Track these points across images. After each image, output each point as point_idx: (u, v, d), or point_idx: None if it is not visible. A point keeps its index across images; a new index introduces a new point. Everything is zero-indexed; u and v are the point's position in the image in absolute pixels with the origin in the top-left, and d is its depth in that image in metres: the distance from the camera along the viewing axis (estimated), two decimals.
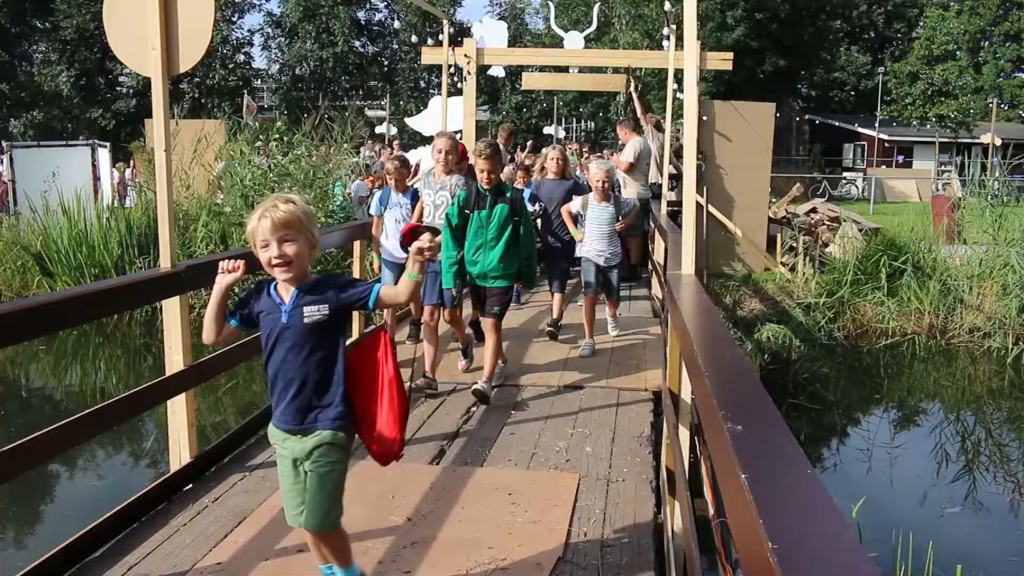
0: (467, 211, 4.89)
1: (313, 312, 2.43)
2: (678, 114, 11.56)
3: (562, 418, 4.81)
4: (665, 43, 10.46)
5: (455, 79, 10.37)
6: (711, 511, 3.76)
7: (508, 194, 4.92)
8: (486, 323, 5.11)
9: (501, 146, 9.22)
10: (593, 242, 6.26)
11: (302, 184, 11.46)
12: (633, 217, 6.81)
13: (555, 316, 6.72)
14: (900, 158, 38.40)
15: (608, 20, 31.64)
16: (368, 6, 44.12)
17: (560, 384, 5.48)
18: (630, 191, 9.29)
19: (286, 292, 2.47)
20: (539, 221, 7.12)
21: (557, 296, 6.77)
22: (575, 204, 6.42)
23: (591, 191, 6.37)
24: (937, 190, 24.31)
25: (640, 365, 5.95)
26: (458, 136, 11.88)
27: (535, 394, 5.32)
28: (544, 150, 7.18)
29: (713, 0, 27.62)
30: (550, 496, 3.67)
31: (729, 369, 2.14)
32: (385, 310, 6.02)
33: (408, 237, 2.77)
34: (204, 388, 4.26)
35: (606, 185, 6.19)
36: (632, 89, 11.33)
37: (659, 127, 10.37)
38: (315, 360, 2.44)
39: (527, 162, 9.79)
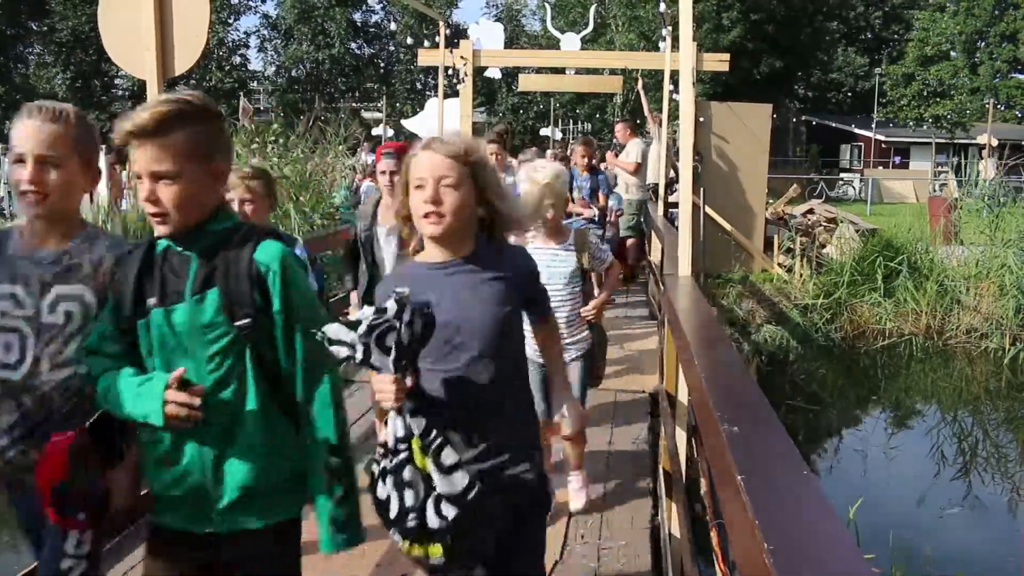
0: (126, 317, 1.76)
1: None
2: (675, 115, 11.58)
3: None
4: (661, 44, 10.47)
5: (452, 80, 10.37)
6: (708, 513, 3.76)
7: (256, 249, 1.75)
8: None
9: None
10: None
11: (298, 187, 11.44)
12: (614, 284, 3.75)
13: None
14: (897, 159, 38.45)
15: (604, 21, 31.67)
16: (364, 8, 44.13)
17: None
18: (632, 193, 9.30)
19: None
20: None
21: None
22: None
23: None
24: (934, 191, 24.35)
25: (637, 367, 5.94)
26: None
27: None
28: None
29: (709, 1, 27.66)
30: None
31: (725, 371, 2.14)
32: None
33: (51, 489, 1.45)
34: None
35: (552, 216, 3.34)
36: (639, 88, 11.36)
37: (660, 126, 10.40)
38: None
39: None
